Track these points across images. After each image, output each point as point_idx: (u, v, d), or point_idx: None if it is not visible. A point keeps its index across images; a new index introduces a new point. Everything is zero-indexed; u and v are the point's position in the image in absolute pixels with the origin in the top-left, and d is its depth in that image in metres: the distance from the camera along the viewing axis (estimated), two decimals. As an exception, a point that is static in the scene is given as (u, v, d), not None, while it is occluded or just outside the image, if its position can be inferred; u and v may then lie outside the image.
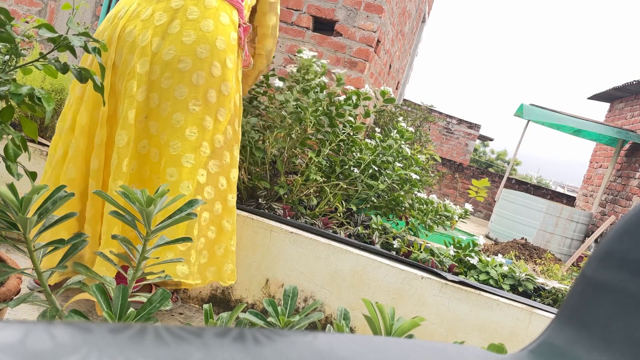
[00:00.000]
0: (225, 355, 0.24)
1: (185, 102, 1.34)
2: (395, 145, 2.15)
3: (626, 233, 0.36)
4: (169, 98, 1.34)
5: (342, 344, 0.30)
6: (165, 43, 1.34)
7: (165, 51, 1.33)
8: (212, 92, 1.37)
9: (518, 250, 3.92)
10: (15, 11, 3.33)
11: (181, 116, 1.34)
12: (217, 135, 1.42)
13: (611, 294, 0.35)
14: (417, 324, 0.63)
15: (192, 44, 1.33)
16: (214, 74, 1.36)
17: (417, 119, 4.40)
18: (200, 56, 1.34)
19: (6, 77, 0.82)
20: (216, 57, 1.36)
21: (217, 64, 1.36)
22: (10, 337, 0.21)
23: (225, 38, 1.37)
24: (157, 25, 1.35)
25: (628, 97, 7.04)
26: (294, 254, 1.73)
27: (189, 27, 1.34)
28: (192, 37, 1.33)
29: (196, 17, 1.35)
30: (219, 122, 1.41)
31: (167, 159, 1.34)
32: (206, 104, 1.36)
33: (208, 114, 1.37)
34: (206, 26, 1.35)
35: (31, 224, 0.67)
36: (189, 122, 1.34)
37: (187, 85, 1.34)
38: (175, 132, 1.34)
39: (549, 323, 0.39)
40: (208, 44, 1.34)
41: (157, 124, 1.36)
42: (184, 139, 1.34)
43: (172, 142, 1.34)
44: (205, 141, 1.38)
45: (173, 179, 1.33)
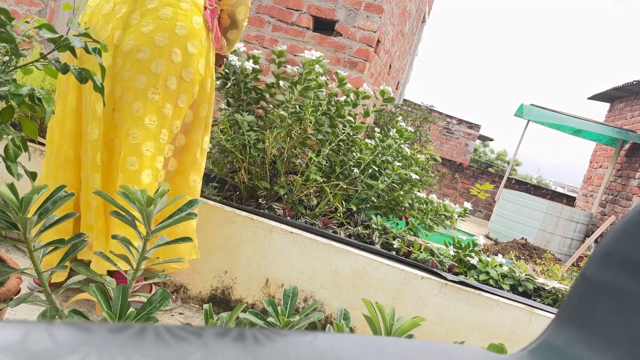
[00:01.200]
0: (225, 355, 0.24)
1: (145, 91, 1.35)
2: (395, 145, 2.15)
3: (626, 233, 0.36)
4: (130, 89, 1.35)
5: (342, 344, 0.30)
6: (126, 35, 1.35)
7: (125, 42, 1.34)
8: (172, 78, 1.37)
9: (518, 251, 3.92)
10: (15, 11, 3.33)
11: (140, 105, 1.35)
12: (176, 121, 1.43)
13: (611, 294, 0.35)
14: (417, 324, 0.63)
15: (151, 33, 1.34)
16: (174, 60, 1.36)
17: (417, 119, 4.40)
18: (159, 44, 1.34)
19: (6, 78, 0.82)
20: (175, 43, 1.35)
21: (177, 50, 1.36)
22: (10, 337, 0.21)
23: (185, 23, 1.37)
24: (118, 17, 1.36)
25: (628, 97, 7.04)
26: (294, 254, 1.73)
27: (148, 17, 1.35)
28: (150, 27, 1.34)
29: (155, 5, 1.35)
30: (178, 109, 1.41)
31: (127, 148, 1.35)
32: (166, 91, 1.37)
33: (168, 101, 1.38)
34: (165, 14, 1.35)
35: (31, 224, 0.67)
36: (148, 111, 1.36)
37: (147, 74, 1.34)
38: (135, 121, 1.35)
39: (549, 323, 0.39)
40: (167, 32, 1.34)
41: (121, 116, 1.37)
42: (144, 128, 1.35)
43: (131, 132, 1.35)
44: (164, 128, 1.40)
45: (134, 168, 1.34)
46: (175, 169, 1.53)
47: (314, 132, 2.07)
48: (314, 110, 1.97)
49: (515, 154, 7.01)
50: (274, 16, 3.01)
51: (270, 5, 3.01)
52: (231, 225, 1.76)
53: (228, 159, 2.14)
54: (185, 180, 1.52)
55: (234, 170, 2.14)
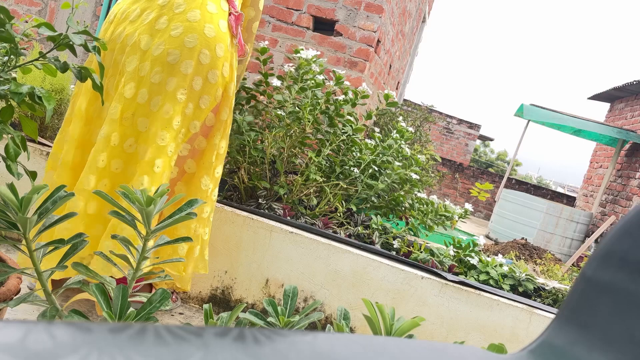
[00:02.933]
0: (225, 355, 0.24)
1: (174, 93, 1.35)
2: (395, 145, 2.15)
3: (626, 233, 0.36)
4: (160, 92, 1.35)
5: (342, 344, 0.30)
6: (155, 39, 1.35)
7: (154, 47, 1.35)
8: (198, 79, 1.38)
9: (518, 251, 3.92)
10: (15, 11, 3.33)
11: (170, 107, 1.35)
12: (195, 121, 1.43)
13: (611, 294, 0.35)
14: (417, 324, 0.63)
15: (180, 35, 1.34)
16: (202, 61, 1.37)
17: (417, 119, 4.40)
18: (189, 45, 1.35)
19: (6, 77, 0.82)
20: (205, 44, 1.36)
21: (206, 52, 1.37)
22: (10, 336, 0.21)
23: (214, 26, 1.38)
24: (145, 23, 1.37)
25: (628, 97, 7.04)
26: (294, 254, 1.73)
27: (177, 20, 1.36)
28: (179, 29, 1.35)
29: (183, 9, 1.36)
30: (199, 109, 1.41)
31: (155, 151, 1.34)
32: (191, 91, 1.38)
33: (191, 101, 1.39)
34: (193, 16, 1.36)
35: (31, 224, 0.67)
36: (176, 112, 1.36)
37: (177, 76, 1.35)
38: (164, 124, 1.35)
39: (549, 323, 0.39)
40: (196, 33, 1.35)
41: (147, 121, 1.36)
42: (172, 130, 1.36)
43: (160, 133, 1.35)
44: (183, 127, 1.40)
45: (159, 170, 1.35)
46: (193, 171, 1.52)
47: (313, 131, 2.07)
48: (312, 109, 1.97)
49: (515, 154, 7.01)
50: (274, 16, 3.01)
51: (270, 5, 3.01)
52: (231, 225, 1.76)
53: (227, 159, 2.14)
54: (197, 182, 1.51)
55: (233, 170, 2.14)
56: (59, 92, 2.12)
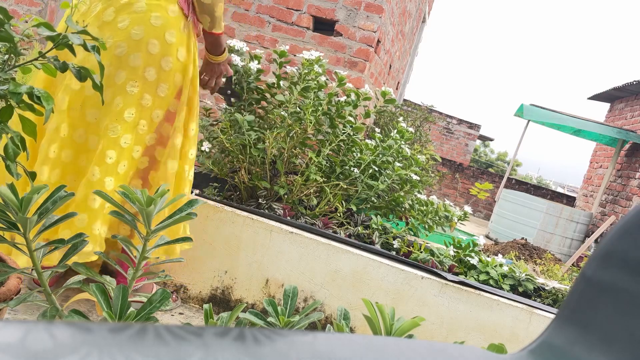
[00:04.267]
0: (225, 355, 0.24)
1: (124, 86, 1.36)
2: (396, 146, 2.15)
3: (626, 233, 0.36)
4: (109, 85, 1.36)
5: (342, 344, 0.30)
6: (102, 32, 1.36)
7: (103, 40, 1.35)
8: (151, 69, 1.38)
9: (518, 251, 3.92)
10: (15, 11, 3.33)
11: (120, 99, 1.36)
12: (157, 110, 1.43)
13: (611, 294, 0.35)
14: (417, 324, 0.63)
15: (127, 28, 1.35)
16: (152, 51, 1.37)
17: (417, 119, 4.40)
18: (135, 38, 1.35)
19: (5, 77, 0.82)
20: (152, 34, 1.36)
21: (154, 41, 1.37)
22: (10, 336, 0.21)
23: (160, 13, 1.38)
24: (93, 15, 1.38)
25: (628, 98, 7.04)
26: (294, 254, 1.73)
27: (123, 12, 1.36)
28: (126, 22, 1.35)
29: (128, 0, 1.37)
30: (159, 98, 1.42)
31: (106, 142, 1.35)
32: (144, 82, 1.38)
33: (146, 92, 1.39)
34: (139, 7, 1.36)
35: (31, 224, 0.67)
36: (127, 104, 1.37)
37: (125, 69, 1.36)
38: (115, 116, 1.36)
39: (549, 323, 0.39)
40: (142, 24, 1.35)
41: (97, 112, 1.37)
42: (123, 121, 1.37)
43: (111, 126, 1.36)
44: (143, 119, 1.41)
45: (112, 160, 1.36)
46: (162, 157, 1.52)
47: (314, 132, 2.07)
48: (314, 110, 1.97)
49: (515, 154, 7.01)
50: (274, 16, 3.01)
51: (270, 5, 3.01)
52: (231, 225, 1.76)
53: (228, 159, 2.14)
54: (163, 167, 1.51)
55: (234, 170, 2.14)
56: (59, 92, 2.12)
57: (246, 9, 3.06)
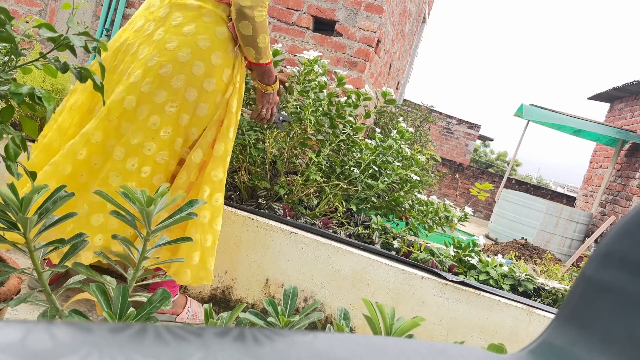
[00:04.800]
0: (225, 355, 0.24)
1: (163, 106, 1.39)
2: (396, 146, 2.15)
3: (626, 233, 0.36)
4: (147, 102, 1.38)
5: (342, 344, 0.30)
6: (150, 50, 1.40)
7: (149, 57, 1.39)
8: (192, 90, 1.40)
9: (518, 251, 3.92)
10: (15, 11, 3.33)
11: (157, 119, 1.39)
12: (193, 128, 1.46)
13: (611, 294, 0.35)
14: (417, 324, 0.63)
15: (174, 49, 1.38)
16: (195, 72, 1.39)
17: (417, 119, 4.40)
18: (181, 60, 1.38)
19: (6, 77, 0.82)
20: (199, 56, 1.39)
21: (200, 63, 1.39)
22: (10, 336, 0.21)
23: (208, 36, 1.39)
24: (145, 35, 1.43)
25: (628, 98, 7.04)
26: (294, 254, 1.73)
27: (172, 33, 1.39)
28: (174, 43, 1.38)
29: (179, 22, 1.40)
30: (196, 117, 1.44)
31: (141, 160, 1.39)
32: (184, 102, 1.40)
33: (184, 111, 1.41)
34: (188, 30, 1.39)
35: (31, 224, 0.67)
36: (164, 123, 1.40)
37: (167, 89, 1.38)
38: (151, 134, 1.39)
39: (549, 323, 0.39)
40: (189, 47, 1.38)
41: (131, 126, 1.39)
42: (159, 139, 1.40)
43: (147, 144, 1.39)
44: (179, 137, 1.44)
45: (146, 175, 1.40)
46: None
47: (314, 132, 2.07)
48: (314, 110, 1.97)
49: (515, 154, 7.01)
50: (274, 16, 3.01)
51: (270, 5, 3.01)
52: (231, 225, 1.76)
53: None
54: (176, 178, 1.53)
55: (234, 170, 2.14)
56: (59, 92, 2.12)
57: (246, 9, 3.06)
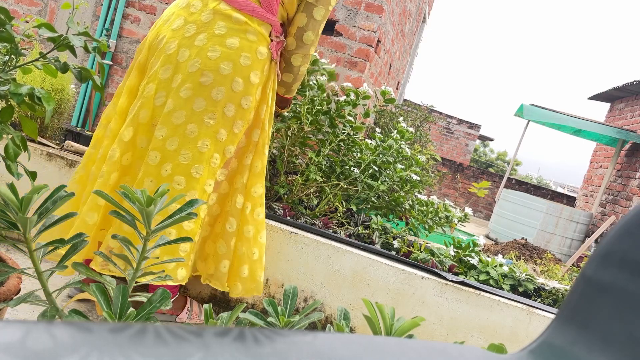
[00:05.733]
0: (225, 355, 0.24)
1: (202, 115, 1.37)
2: (396, 146, 2.15)
3: (626, 233, 0.36)
4: (185, 107, 1.36)
5: (342, 344, 0.30)
6: (191, 54, 1.37)
7: (190, 63, 1.36)
8: (231, 106, 1.39)
9: (518, 251, 3.92)
10: (15, 11, 3.33)
11: (195, 127, 1.37)
12: (230, 146, 1.44)
13: (611, 294, 0.35)
14: (417, 324, 0.63)
15: (217, 60, 1.35)
16: (235, 89, 1.38)
17: (417, 119, 4.40)
18: (223, 72, 1.36)
19: (6, 77, 0.82)
20: (239, 73, 1.37)
21: (239, 80, 1.38)
22: (10, 336, 0.21)
23: (250, 54, 1.39)
24: (186, 36, 1.39)
25: (628, 98, 7.04)
26: (294, 254, 1.73)
27: (215, 42, 1.36)
28: (217, 53, 1.36)
29: (223, 32, 1.37)
30: (233, 134, 1.43)
31: (175, 167, 1.36)
32: (223, 117, 1.39)
33: (223, 127, 1.40)
34: (232, 44, 1.37)
35: (31, 224, 0.67)
36: (202, 134, 1.37)
37: (206, 99, 1.36)
38: (187, 142, 1.37)
39: (549, 323, 0.39)
40: (231, 62, 1.36)
41: (166, 130, 1.37)
42: (196, 150, 1.37)
43: (183, 152, 1.36)
44: (217, 153, 1.41)
45: (180, 187, 1.37)
46: (226, 191, 1.55)
47: (314, 131, 2.07)
48: (310, 108, 1.97)
49: (515, 154, 7.01)
50: (274, 16, 3.01)
51: (271, 5, 3.01)
52: (231, 225, 1.76)
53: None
54: (232, 202, 1.52)
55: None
56: (59, 92, 2.12)
57: (246, 9, 3.06)
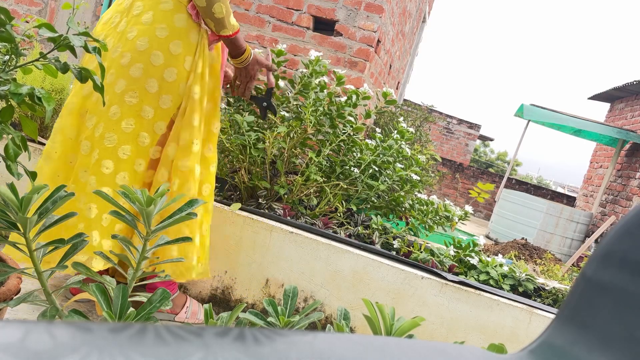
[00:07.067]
0: (225, 355, 0.24)
1: (122, 95, 1.36)
2: (396, 146, 2.15)
3: (626, 233, 0.36)
4: (108, 92, 1.37)
5: (342, 344, 0.30)
6: (115, 42, 1.40)
7: (113, 49, 1.39)
8: (152, 81, 1.37)
9: (518, 251, 3.92)
10: (15, 11, 3.33)
11: (117, 109, 1.36)
12: (159, 122, 1.41)
13: (611, 294, 0.35)
14: (417, 324, 0.63)
15: (134, 39, 1.37)
16: (155, 62, 1.37)
17: (417, 119, 4.40)
18: (140, 49, 1.36)
19: (6, 77, 0.82)
20: (156, 46, 1.37)
21: (158, 53, 1.37)
22: (10, 336, 0.21)
23: (166, 24, 1.37)
24: (112, 27, 1.43)
25: (628, 97, 7.04)
26: (294, 254, 1.73)
27: (133, 23, 1.38)
28: (134, 33, 1.37)
29: (139, 11, 1.38)
30: (161, 110, 1.40)
31: (102, 151, 1.36)
32: (145, 94, 1.38)
33: (147, 104, 1.38)
34: (146, 19, 1.37)
35: (31, 224, 0.67)
36: (125, 114, 1.36)
37: (126, 79, 1.37)
38: (111, 125, 1.36)
39: (549, 323, 0.39)
40: (147, 36, 1.36)
41: (95, 118, 1.38)
42: (120, 131, 1.36)
43: (107, 135, 1.36)
44: (144, 131, 1.39)
45: (109, 170, 1.36)
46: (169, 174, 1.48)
47: (314, 132, 2.07)
48: (314, 110, 1.97)
49: (515, 154, 7.01)
50: (274, 16, 3.01)
51: (270, 5, 3.01)
52: (231, 225, 1.76)
53: (228, 159, 2.14)
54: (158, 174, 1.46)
55: (234, 170, 2.14)
56: (59, 92, 2.12)
57: (246, 9, 3.07)
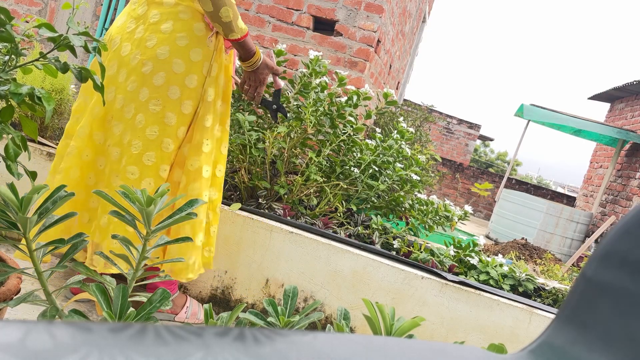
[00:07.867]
0: (225, 355, 0.24)
1: (147, 104, 1.40)
2: (396, 146, 2.15)
3: (626, 233, 0.36)
4: (133, 100, 1.40)
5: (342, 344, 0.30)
6: (132, 48, 1.42)
7: (132, 56, 1.41)
8: (175, 88, 1.41)
9: (518, 251, 3.92)
10: (15, 11, 3.33)
11: (143, 117, 1.41)
12: (182, 127, 1.46)
13: (611, 294, 0.35)
14: (417, 324, 0.63)
15: (154, 47, 1.39)
16: (176, 71, 1.40)
17: (417, 119, 4.40)
18: (161, 57, 1.39)
19: (6, 77, 0.82)
20: (177, 54, 1.40)
21: (179, 61, 1.40)
22: (10, 336, 0.21)
23: (185, 33, 1.41)
24: (127, 32, 1.45)
25: (628, 98, 7.04)
26: (294, 254, 1.73)
27: (152, 31, 1.41)
28: (153, 41, 1.40)
29: (157, 19, 1.41)
30: (182, 115, 1.44)
31: (128, 158, 1.40)
32: (167, 101, 1.41)
33: (170, 110, 1.42)
34: (166, 28, 1.40)
35: (31, 224, 0.67)
36: (149, 122, 1.41)
37: (149, 87, 1.40)
38: (137, 132, 1.40)
39: (549, 323, 0.39)
40: (168, 45, 1.39)
41: (121, 125, 1.42)
42: (145, 138, 1.41)
43: (134, 142, 1.40)
44: (167, 137, 1.43)
45: (134, 176, 1.40)
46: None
47: (315, 132, 2.07)
48: (314, 110, 1.97)
49: (515, 154, 7.01)
50: (274, 16, 3.01)
51: (270, 5, 3.01)
52: (231, 225, 1.76)
53: (228, 159, 2.14)
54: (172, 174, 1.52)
55: (234, 170, 2.14)
56: (59, 92, 2.12)
57: (246, 9, 3.07)
